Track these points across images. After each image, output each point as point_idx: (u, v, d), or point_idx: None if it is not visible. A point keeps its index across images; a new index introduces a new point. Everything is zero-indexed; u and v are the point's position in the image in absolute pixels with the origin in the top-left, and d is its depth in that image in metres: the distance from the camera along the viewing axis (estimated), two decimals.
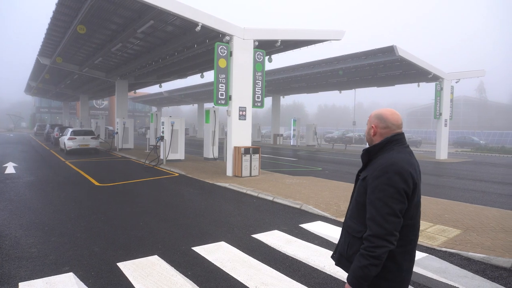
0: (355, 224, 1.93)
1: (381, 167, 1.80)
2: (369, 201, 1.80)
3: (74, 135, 18.53)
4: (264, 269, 4.17)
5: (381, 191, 1.76)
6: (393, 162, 1.80)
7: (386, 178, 1.76)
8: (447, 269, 4.25)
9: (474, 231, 5.59)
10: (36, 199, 7.82)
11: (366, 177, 1.88)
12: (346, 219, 2.06)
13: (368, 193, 1.83)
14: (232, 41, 11.42)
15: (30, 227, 5.70)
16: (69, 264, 4.20)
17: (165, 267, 4.16)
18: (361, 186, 1.92)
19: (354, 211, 1.97)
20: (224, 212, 6.99)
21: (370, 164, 1.94)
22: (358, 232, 1.89)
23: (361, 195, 1.90)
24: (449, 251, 4.81)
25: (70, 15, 13.28)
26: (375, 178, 1.80)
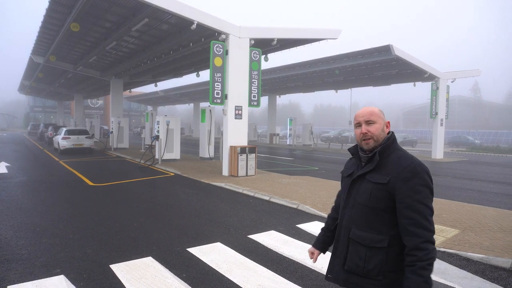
0: (372, 233, 1.74)
1: (409, 168, 1.69)
2: (405, 205, 1.66)
3: (68, 135, 18.33)
4: (260, 271, 4.08)
5: (418, 192, 1.65)
6: (418, 161, 1.73)
7: (420, 178, 1.68)
8: (446, 270, 4.19)
9: (472, 231, 5.54)
10: (28, 199, 7.67)
11: (389, 180, 1.70)
12: (352, 229, 1.83)
13: (400, 197, 1.67)
14: (228, 39, 11.32)
15: (21, 228, 5.57)
16: (60, 266, 4.09)
17: (159, 269, 4.06)
18: (377, 190, 1.74)
19: (366, 219, 1.77)
20: (220, 212, 6.90)
21: (382, 165, 1.78)
22: (378, 242, 1.72)
23: (377, 200, 1.73)
24: (447, 251, 4.75)
25: (63, 13, 13.10)
26: (407, 180, 1.67)
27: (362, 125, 1.85)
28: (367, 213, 1.77)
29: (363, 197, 1.79)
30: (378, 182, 1.74)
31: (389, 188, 1.70)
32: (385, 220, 1.73)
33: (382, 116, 1.87)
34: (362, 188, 1.81)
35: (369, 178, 1.79)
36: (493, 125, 62.11)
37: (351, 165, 2.01)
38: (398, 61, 18.48)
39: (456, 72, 21.33)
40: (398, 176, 1.70)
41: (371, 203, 1.75)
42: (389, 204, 1.72)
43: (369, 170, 1.81)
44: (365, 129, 1.83)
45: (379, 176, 1.75)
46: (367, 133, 1.82)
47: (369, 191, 1.76)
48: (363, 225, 1.78)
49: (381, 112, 1.89)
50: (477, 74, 21.91)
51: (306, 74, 24.33)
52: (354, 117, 1.92)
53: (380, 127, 1.84)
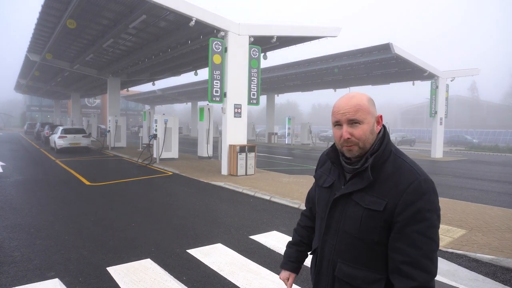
0: (364, 271, 1.31)
1: (413, 187, 1.23)
2: (401, 236, 1.23)
3: (65, 134, 18.12)
4: (264, 273, 3.93)
5: (420, 221, 1.21)
6: (424, 175, 1.28)
7: (426, 201, 1.22)
8: (456, 272, 4.05)
9: (479, 231, 5.40)
10: (23, 199, 7.48)
11: (386, 206, 1.25)
12: (338, 264, 1.37)
13: (397, 226, 1.24)
14: (227, 36, 11.15)
15: (14, 229, 5.38)
16: (54, 269, 3.91)
17: (159, 272, 3.89)
18: (370, 218, 1.28)
19: (356, 252, 1.32)
20: (220, 212, 6.73)
21: (375, 182, 1.30)
22: (373, 283, 1.30)
23: (371, 230, 1.28)
24: (456, 252, 4.61)
25: (59, 9, 12.87)
26: (409, 204, 1.22)
27: (343, 125, 1.31)
28: (356, 245, 1.32)
29: (350, 225, 1.33)
30: (371, 209, 1.28)
31: (386, 216, 1.25)
32: (381, 255, 1.30)
33: (371, 111, 1.33)
34: (348, 213, 1.34)
35: (357, 200, 1.31)
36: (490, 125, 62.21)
37: (329, 170, 1.49)
38: (397, 60, 18.36)
39: (456, 71, 21.24)
40: (397, 199, 1.24)
41: (361, 234, 1.30)
42: (386, 235, 1.28)
43: (359, 189, 1.32)
44: (347, 133, 1.30)
45: (371, 198, 1.28)
46: (350, 138, 1.30)
47: (359, 218, 1.30)
48: (352, 260, 1.33)
49: (370, 104, 1.33)
50: (477, 73, 21.83)
51: (305, 73, 24.17)
52: (332, 112, 1.36)
53: (369, 128, 1.31)
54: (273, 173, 11.98)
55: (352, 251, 1.33)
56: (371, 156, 1.31)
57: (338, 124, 1.33)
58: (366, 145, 1.31)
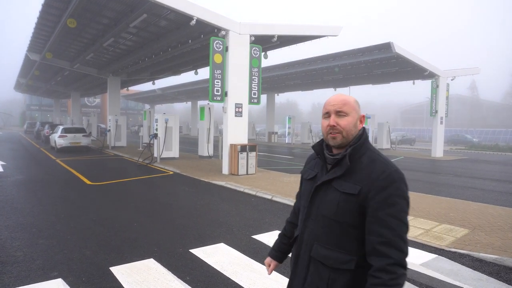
0: (337, 252, 1.45)
1: (384, 175, 1.41)
2: (375, 219, 1.38)
3: (65, 133, 18.10)
4: (267, 273, 3.91)
5: (392, 205, 1.37)
6: (394, 167, 1.45)
7: (396, 188, 1.40)
8: (459, 271, 4.04)
9: (482, 231, 5.40)
10: (24, 199, 7.47)
11: (360, 190, 1.41)
12: (314, 246, 1.52)
13: (371, 210, 1.39)
14: (228, 36, 11.13)
15: (16, 228, 5.37)
16: (57, 269, 3.90)
17: (162, 272, 3.88)
18: (346, 201, 1.44)
19: (331, 235, 1.47)
20: (222, 211, 6.73)
21: (351, 171, 1.47)
22: (345, 263, 1.43)
23: (345, 213, 1.44)
24: (459, 252, 4.60)
25: (60, 8, 12.84)
26: (381, 190, 1.39)
27: (331, 115, 1.52)
28: (332, 228, 1.47)
29: (328, 209, 1.49)
30: (347, 192, 1.44)
31: (360, 200, 1.41)
32: (354, 237, 1.44)
33: (356, 108, 1.54)
34: (327, 198, 1.50)
35: (336, 186, 1.48)
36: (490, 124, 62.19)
37: (313, 165, 1.68)
38: (398, 59, 18.33)
39: (456, 70, 21.22)
40: (371, 185, 1.41)
41: (337, 217, 1.45)
42: (359, 219, 1.43)
43: (337, 176, 1.49)
44: (334, 121, 1.50)
45: (348, 184, 1.45)
46: (336, 126, 1.50)
47: (336, 202, 1.46)
48: (327, 242, 1.48)
49: (356, 103, 1.55)
50: (477, 72, 21.81)
51: (305, 72, 24.15)
52: (324, 105, 1.57)
53: (353, 121, 1.51)
54: (274, 172, 11.97)
55: (327, 234, 1.49)
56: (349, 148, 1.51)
57: (327, 116, 1.54)
58: (349, 136, 1.51)
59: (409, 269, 3.99)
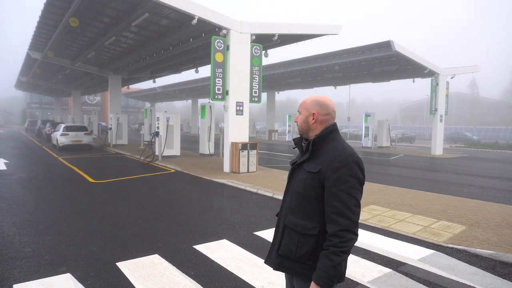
0: (304, 220, 1.79)
1: (340, 158, 1.72)
2: (331, 194, 1.70)
3: (67, 131, 18.20)
4: (269, 268, 3.99)
5: (344, 182, 1.69)
6: (350, 152, 1.76)
7: (348, 169, 1.70)
8: (456, 266, 4.16)
9: (479, 227, 5.51)
10: (29, 196, 7.59)
11: (320, 170, 1.75)
12: (288, 216, 1.87)
13: (327, 186, 1.72)
14: (229, 34, 11.22)
15: (23, 225, 5.49)
16: (65, 264, 4.02)
17: (167, 267, 4.00)
18: (310, 179, 1.78)
19: (300, 207, 1.82)
20: (224, 209, 6.84)
21: (317, 155, 1.82)
22: (310, 229, 1.76)
23: (310, 188, 1.78)
24: (456, 248, 4.72)
25: (62, 7, 12.92)
26: (336, 170, 1.71)
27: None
28: (301, 201, 1.82)
29: (298, 185, 1.84)
30: (310, 171, 1.78)
31: (320, 177, 1.75)
32: (317, 208, 1.77)
33: (309, 107, 1.90)
34: (298, 177, 1.86)
35: (304, 167, 1.84)
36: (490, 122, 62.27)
37: (298, 155, 2.06)
38: (398, 57, 18.41)
39: (456, 68, 21.30)
40: (328, 165, 1.73)
41: (304, 191, 1.80)
42: (320, 193, 1.75)
43: (305, 159, 1.85)
44: (296, 118, 1.97)
45: (312, 165, 1.80)
46: (295, 121, 1.95)
47: (303, 180, 1.81)
48: (297, 212, 1.82)
49: (314, 103, 1.90)
50: (477, 70, 21.89)
51: (305, 70, 24.23)
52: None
53: (303, 118, 1.91)
54: (275, 170, 12.09)
55: (298, 206, 1.83)
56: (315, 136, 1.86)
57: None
58: (302, 129, 1.93)
59: (407, 264, 4.12)
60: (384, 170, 13.26)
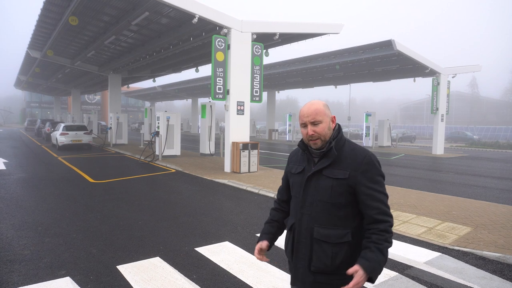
0: (336, 229, 1.74)
1: (365, 160, 1.74)
2: (368, 196, 1.71)
3: (67, 130, 18.11)
4: (273, 271, 3.96)
5: (376, 183, 1.73)
6: (370, 152, 1.79)
7: (376, 168, 1.74)
8: (463, 269, 4.08)
9: (484, 229, 5.43)
10: (28, 197, 7.50)
11: (349, 175, 1.72)
12: (314, 228, 1.76)
13: (362, 189, 1.71)
14: (230, 33, 11.13)
15: (22, 227, 5.40)
16: (65, 268, 3.94)
17: (169, 270, 3.92)
18: (338, 185, 1.73)
19: (328, 216, 1.75)
20: (226, 209, 6.76)
21: (339, 159, 1.76)
22: (343, 237, 1.73)
23: (338, 195, 1.73)
24: (462, 250, 4.64)
25: (61, 6, 12.82)
26: (365, 172, 1.72)
27: (308, 126, 1.79)
28: (329, 210, 1.75)
29: (323, 194, 1.76)
30: (338, 178, 1.73)
31: (350, 182, 1.72)
32: (347, 214, 1.75)
33: (327, 113, 1.81)
34: (321, 185, 1.77)
35: (327, 174, 1.76)
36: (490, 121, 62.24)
37: (299, 161, 1.93)
38: (399, 56, 18.34)
39: (457, 68, 21.22)
40: (357, 169, 1.72)
41: (332, 199, 1.74)
42: (350, 198, 1.74)
43: (325, 166, 1.77)
44: (312, 130, 1.77)
45: (337, 171, 1.75)
46: (314, 134, 1.77)
47: (330, 187, 1.74)
48: (326, 222, 1.76)
49: (326, 107, 1.81)
50: (478, 69, 21.80)
51: (306, 70, 24.15)
52: (299, 116, 1.83)
53: (326, 126, 1.79)
54: (276, 170, 12.01)
55: (325, 216, 1.76)
56: (332, 141, 1.79)
57: (305, 126, 1.81)
58: (326, 138, 1.78)
59: (413, 267, 4.04)
60: (386, 170, 13.18)
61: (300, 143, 1.91)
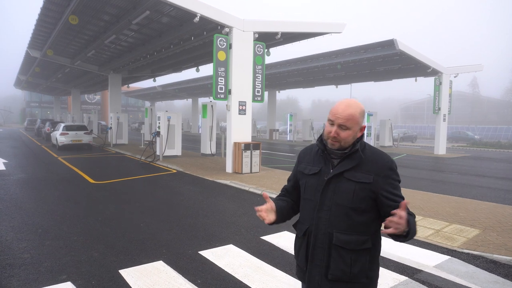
0: (356, 235, 1.66)
1: (388, 165, 1.69)
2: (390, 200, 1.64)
3: (67, 130, 18.00)
4: (279, 276, 3.85)
5: (396, 188, 1.68)
6: (390, 157, 1.74)
7: (396, 174, 1.71)
8: (474, 273, 3.98)
9: (493, 231, 5.33)
10: (28, 198, 7.40)
11: (373, 179, 1.65)
12: (333, 234, 1.67)
13: (384, 194, 1.65)
14: (232, 33, 11.02)
15: (22, 229, 5.30)
16: (66, 272, 3.84)
17: (172, 275, 3.81)
18: (361, 190, 1.65)
19: (351, 221, 1.66)
20: (229, 211, 6.66)
21: (362, 162, 1.68)
22: (363, 244, 1.67)
23: (360, 200, 1.65)
24: (472, 253, 4.53)
25: (61, 5, 12.71)
26: (388, 177, 1.67)
27: (335, 126, 1.68)
28: (349, 214, 1.66)
29: (344, 198, 1.67)
30: (362, 181, 1.65)
31: (373, 187, 1.65)
32: (367, 220, 1.68)
33: (360, 121, 1.69)
34: (341, 188, 1.68)
35: (349, 177, 1.68)
36: (491, 121, 62.14)
37: (313, 160, 1.82)
38: (401, 56, 18.22)
39: (459, 67, 21.10)
40: (379, 173, 1.66)
41: (353, 204, 1.66)
42: (371, 203, 1.67)
43: (347, 169, 1.69)
44: (336, 132, 1.68)
45: (361, 174, 1.67)
46: (337, 137, 1.68)
47: (352, 191, 1.66)
48: (346, 228, 1.67)
49: (360, 116, 1.69)
50: (480, 69, 21.69)
51: (307, 69, 24.03)
52: (331, 111, 1.71)
53: (353, 134, 1.68)
54: (278, 170, 11.90)
55: (345, 221, 1.66)
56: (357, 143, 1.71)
57: (332, 123, 1.70)
58: (346, 145, 1.69)
59: (422, 272, 3.94)
60: None
61: (318, 142, 1.80)
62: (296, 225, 1.90)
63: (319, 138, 1.80)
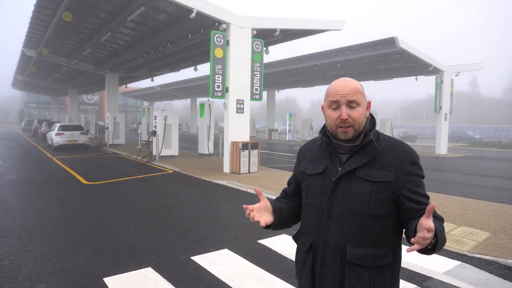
0: (374, 249, 1.32)
1: (409, 158, 1.35)
2: (416, 203, 1.30)
3: (62, 130, 17.69)
4: (277, 284, 3.55)
5: (420, 185, 1.35)
6: (412, 148, 1.40)
7: (420, 169, 1.37)
8: (488, 281, 3.68)
9: (504, 234, 5.03)
10: (17, 200, 7.09)
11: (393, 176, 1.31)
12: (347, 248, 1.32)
13: (407, 194, 1.31)
14: (229, 29, 10.73)
15: (4, 233, 4.99)
16: (45, 281, 3.53)
17: (161, 284, 3.51)
18: (379, 191, 1.31)
19: (368, 231, 1.32)
20: (225, 213, 6.36)
21: (378, 157, 1.35)
22: (383, 258, 1.33)
23: (378, 204, 1.32)
24: (484, 258, 4.24)
25: (55, 2, 12.40)
26: (410, 172, 1.33)
27: (342, 107, 1.34)
28: (364, 222, 1.32)
29: (358, 203, 1.33)
30: (380, 181, 1.31)
31: (394, 187, 1.31)
32: (386, 228, 1.34)
33: (365, 94, 1.40)
34: (354, 190, 1.34)
35: (363, 175, 1.33)
36: (491, 120, 61.91)
37: (316, 158, 1.48)
38: (402, 54, 17.96)
39: (461, 66, 20.85)
40: (400, 170, 1.33)
41: (370, 210, 1.32)
42: (392, 207, 1.34)
43: (362, 164, 1.34)
44: (347, 114, 1.33)
45: (377, 172, 1.33)
46: (348, 119, 1.33)
47: (368, 194, 1.32)
48: (361, 240, 1.33)
49: (360, 86, 1.40)
50: (481, 67, 21.43)
51: (307, 68, 23.77)
52: (329, 94, 1.38)
53: (363, 112, 1.37)
54: (277, 171, 11.61)
55: (360, 231, 1.33)
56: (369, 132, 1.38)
57: (337, 106, 1.36)
58: (360, 128, 1.36)
59: (432, 279, 3.63)
60: None
61: (321, 135, 1.46)
62: (297, 237, 1.55)
63: (322, 130, 1.46)
